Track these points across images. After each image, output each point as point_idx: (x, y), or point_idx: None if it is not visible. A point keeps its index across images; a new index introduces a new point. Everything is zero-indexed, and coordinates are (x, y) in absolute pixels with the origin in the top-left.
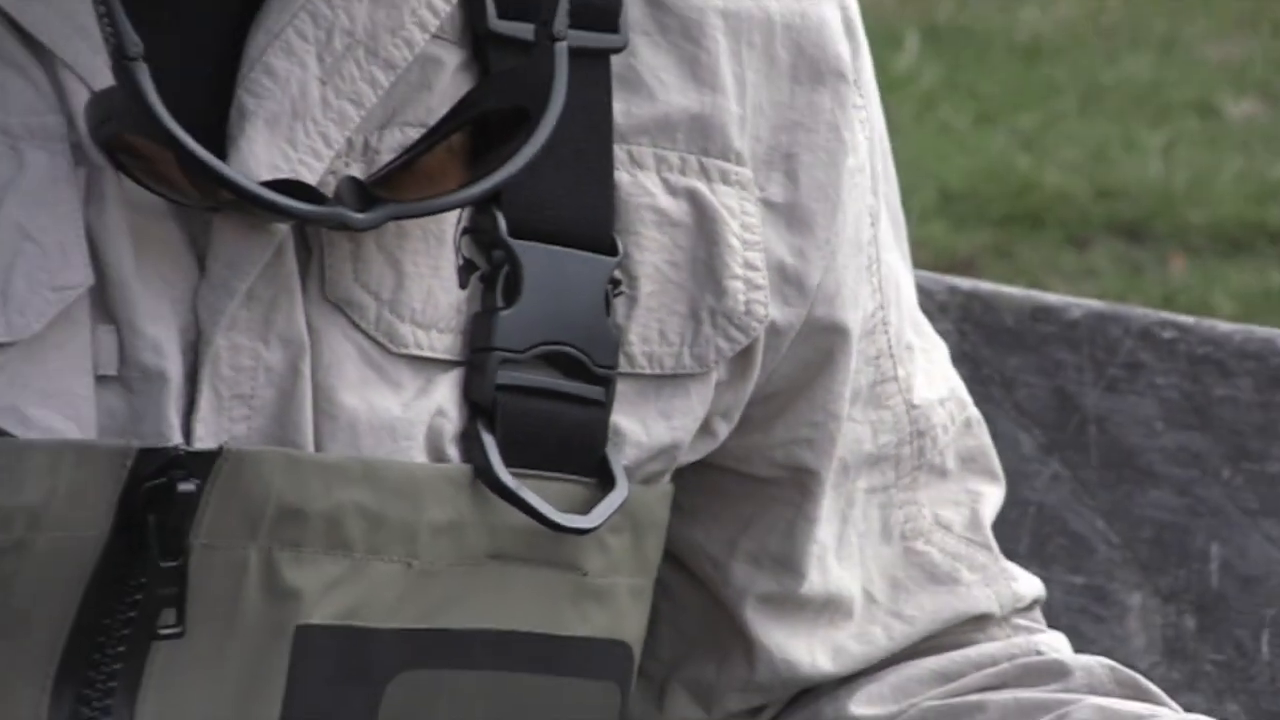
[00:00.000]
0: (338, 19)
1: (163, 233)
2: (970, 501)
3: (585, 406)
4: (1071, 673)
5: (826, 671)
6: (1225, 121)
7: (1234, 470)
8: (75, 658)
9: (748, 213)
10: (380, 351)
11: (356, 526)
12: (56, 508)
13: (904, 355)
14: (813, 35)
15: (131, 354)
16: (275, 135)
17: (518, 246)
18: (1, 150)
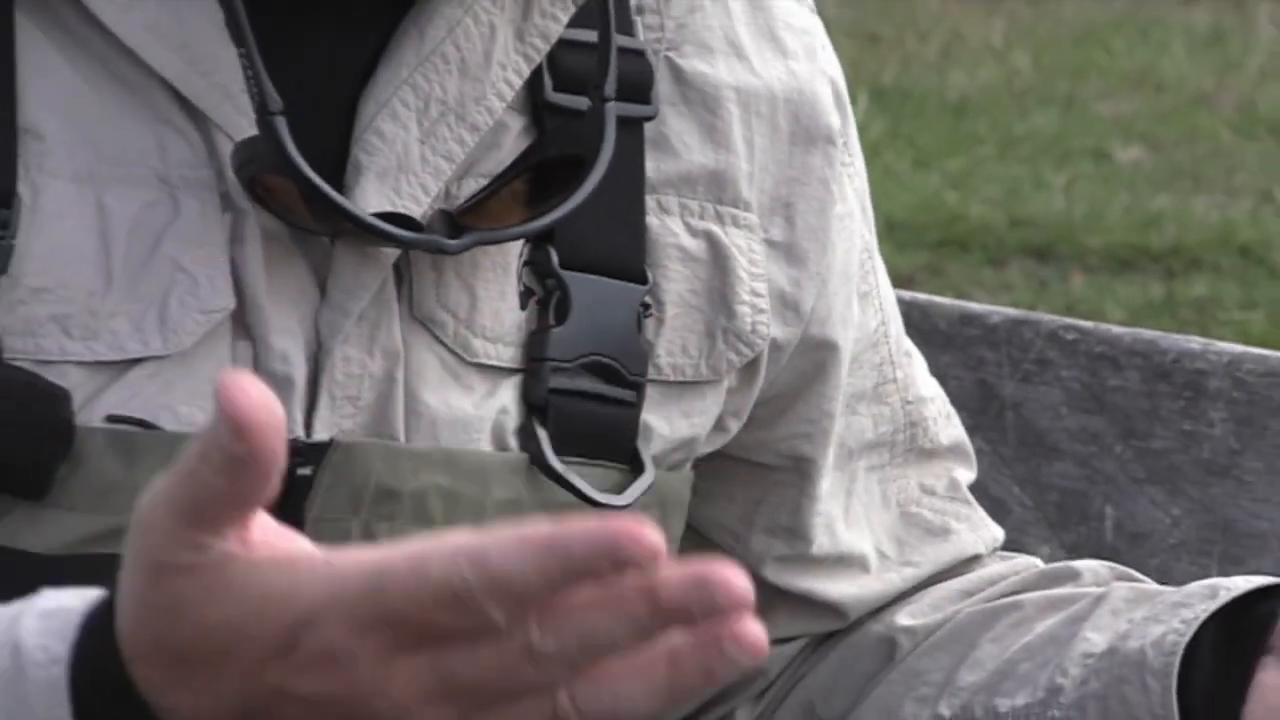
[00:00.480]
0: (434, 90)
1: (291, 265)
2: (948, 472)
3: (620, 407)
4: (1080, 574)
5: (851, 595)
6: (1115, 165)
7: (1124, 446)
8: None
9: (754, 250)
10: (457, 361)
11: (437, 503)
12: None
13: (902, 360)
14: (808, 108)
15: (264, 363)
16: (384, 185)
17: (567, 276)
18: (161, 197)
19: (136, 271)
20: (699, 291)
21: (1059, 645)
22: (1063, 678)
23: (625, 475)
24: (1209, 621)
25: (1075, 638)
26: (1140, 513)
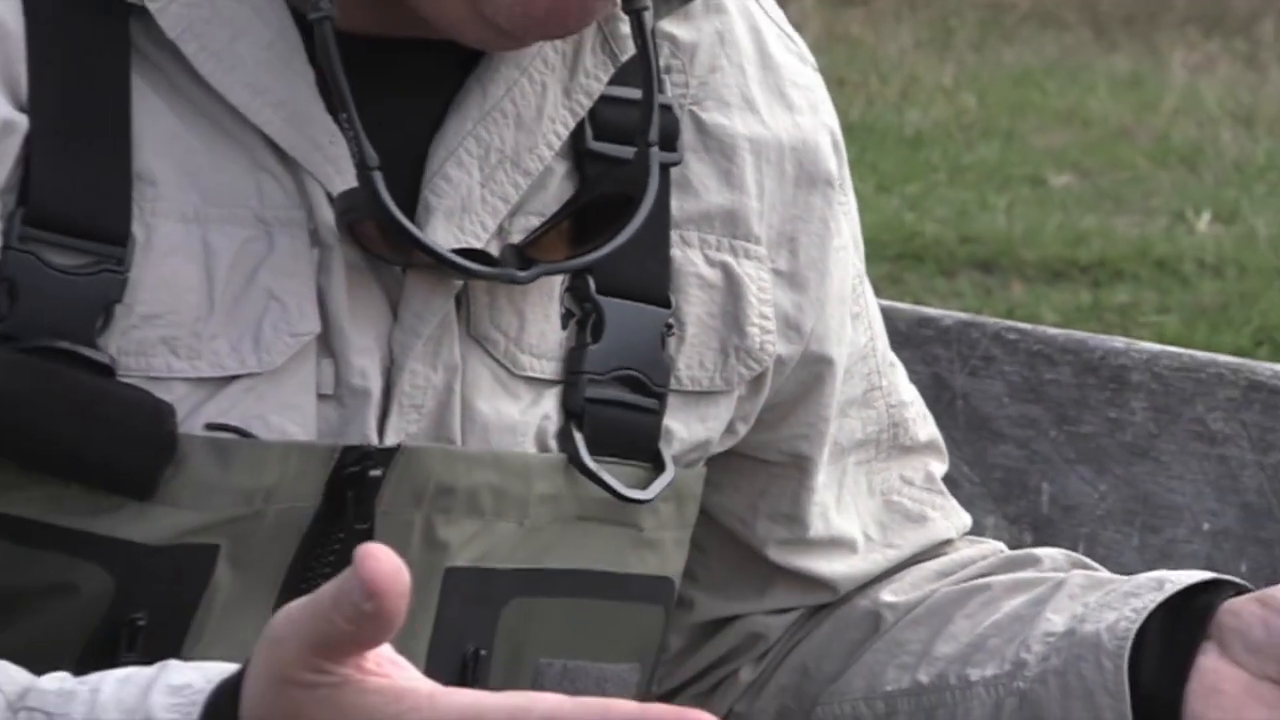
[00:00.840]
0: (493, 141)
1: (369, 293)
2: (925, 466)
3: (646, 414)
4: (1040, 560)
5: (841, 572)
6: (1049, 189)
7: (1058, 431)
8: (290, 589)
9: (763, 279)
10: (506, 373)
11: (487, 498)
12: (285, 487)
13: (887, 370)
14: (810, 155)
15: (344, 378)
16: (450, 223)
17: (602, 301)
18: (258, 235)
19: (235, 299)
20: (715, 314)
21: (1024, 623)
22: (1027, 653)
23: (649, 473)
24: (1156, 610)
25: (1038, 618)
26: (1072, 488)
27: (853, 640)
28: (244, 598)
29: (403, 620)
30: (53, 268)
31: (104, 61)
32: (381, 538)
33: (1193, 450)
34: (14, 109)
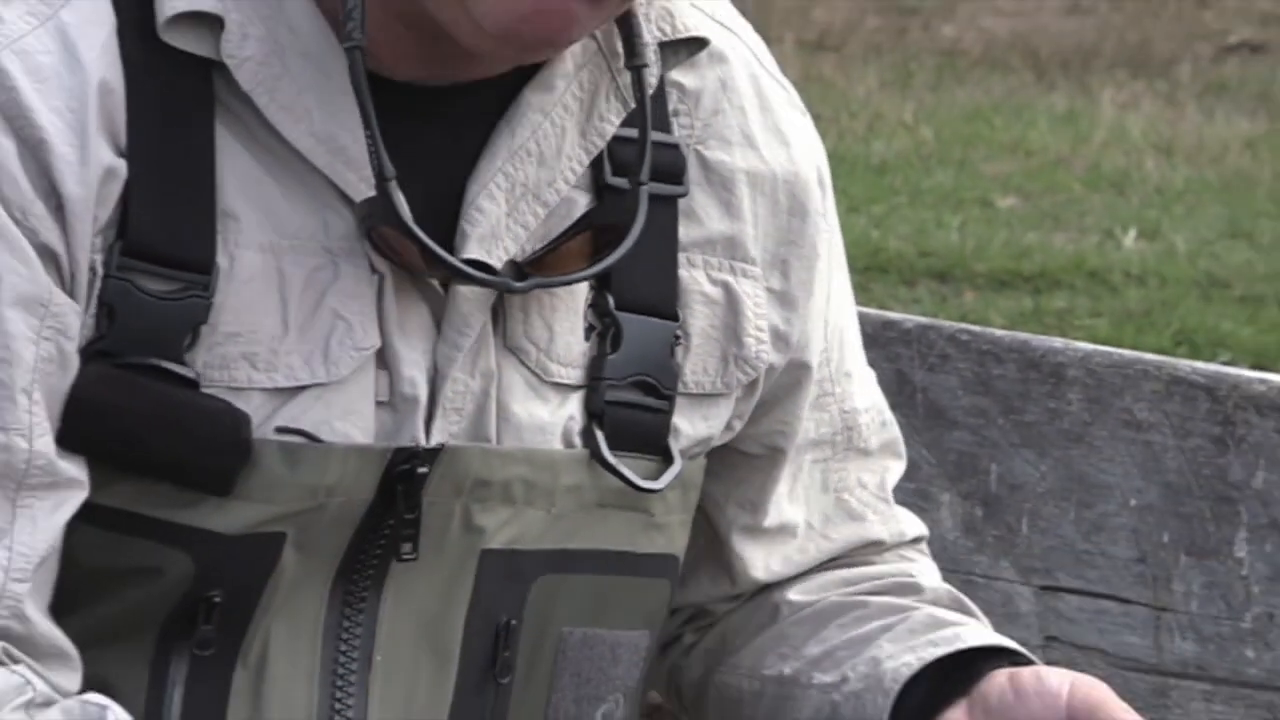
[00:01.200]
0: (519, 176)
1: (417, 312)
2: (881, 471)
3: (656, 414)
4: (924, 590)
5: (776, 572)
6: (996, 210)
7: (1005, 420)
8: (346, 570)
9: (758, 296)
10: (537, 380)
11: (519, 489)
12: (344, 484)
13: (841, 379)
14: (800, 187)
15: (397, 388)
16: (481, 247)
17: (620, 316)
18: (325, 263)
19: (306, 319)
20: (717, 327)
21: (864, 645)
22: (851, 672)
23: (659, 465)
24: (949, 660)
25: (873, 643)
26: (1016, 469)
27: (757, 625)
28: (305, 577)
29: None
30: (146, 293)
31: (192, 113)
32: (426, 525)
33: (1121, 436)
34: (115, 156)
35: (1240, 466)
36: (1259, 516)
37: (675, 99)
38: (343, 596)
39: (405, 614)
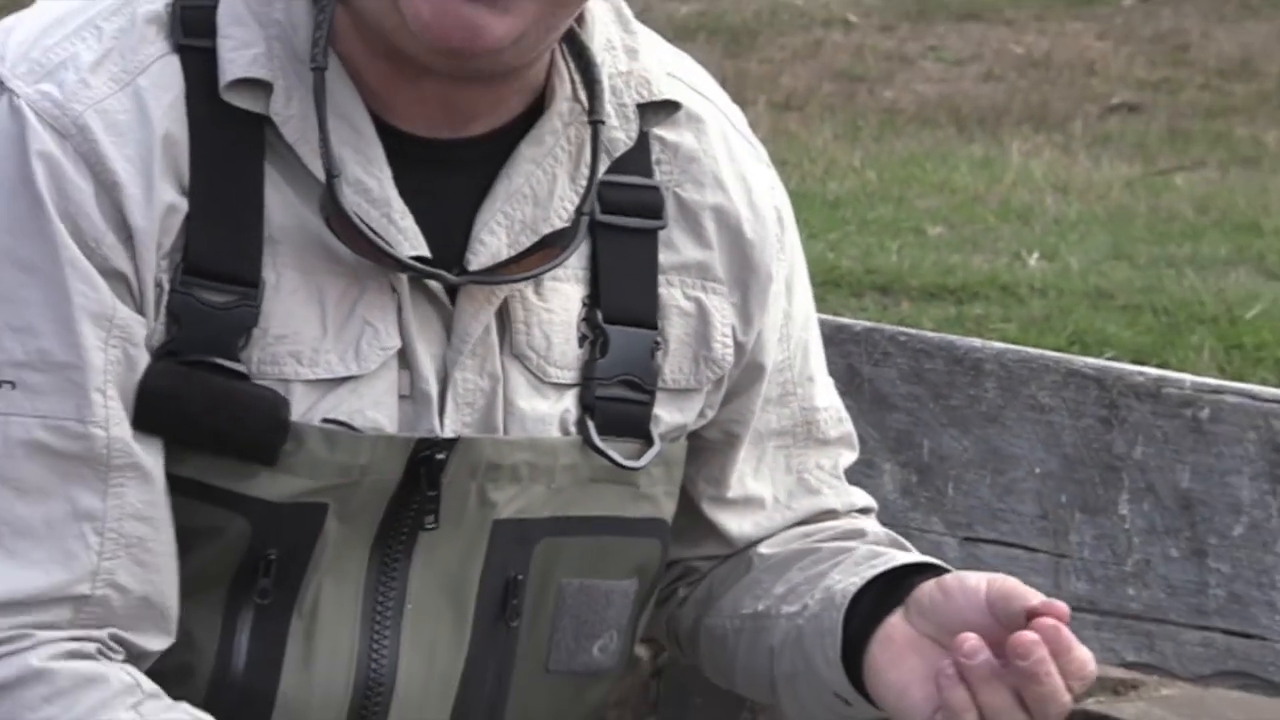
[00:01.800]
0: (516, 215)
1: (429, 322)
2: (836, 457)
3: (639, 405)
4: (866, 534)
5: (748, 535)
6: (928, 237)
7: (934, 404)
8: (381, 537)
9: (724, 310)
10: (538, 380)
11: (525, 469)
12: (375, 465)
13: (804, 383)
14: (758, 224)
15: (416, 384)
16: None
17: (607, 328)
18: (354, 282)
19: (341, 325)
20: (690, 334)
21: (820, 579)
22: (810, 600)
23: (642, 447)
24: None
25: (826, 576)
26: (944, 444)
27: (735, 576)
28: (347, 541)
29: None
30: (204, 304)
31: (245, 158)
32: (445, 500)
33: (1027, 417)
34: (178, 195)
35: (1123, 441)
36: (1138, 482)
37: (658, 150)
38: (379, 558)
39: (431, 572)
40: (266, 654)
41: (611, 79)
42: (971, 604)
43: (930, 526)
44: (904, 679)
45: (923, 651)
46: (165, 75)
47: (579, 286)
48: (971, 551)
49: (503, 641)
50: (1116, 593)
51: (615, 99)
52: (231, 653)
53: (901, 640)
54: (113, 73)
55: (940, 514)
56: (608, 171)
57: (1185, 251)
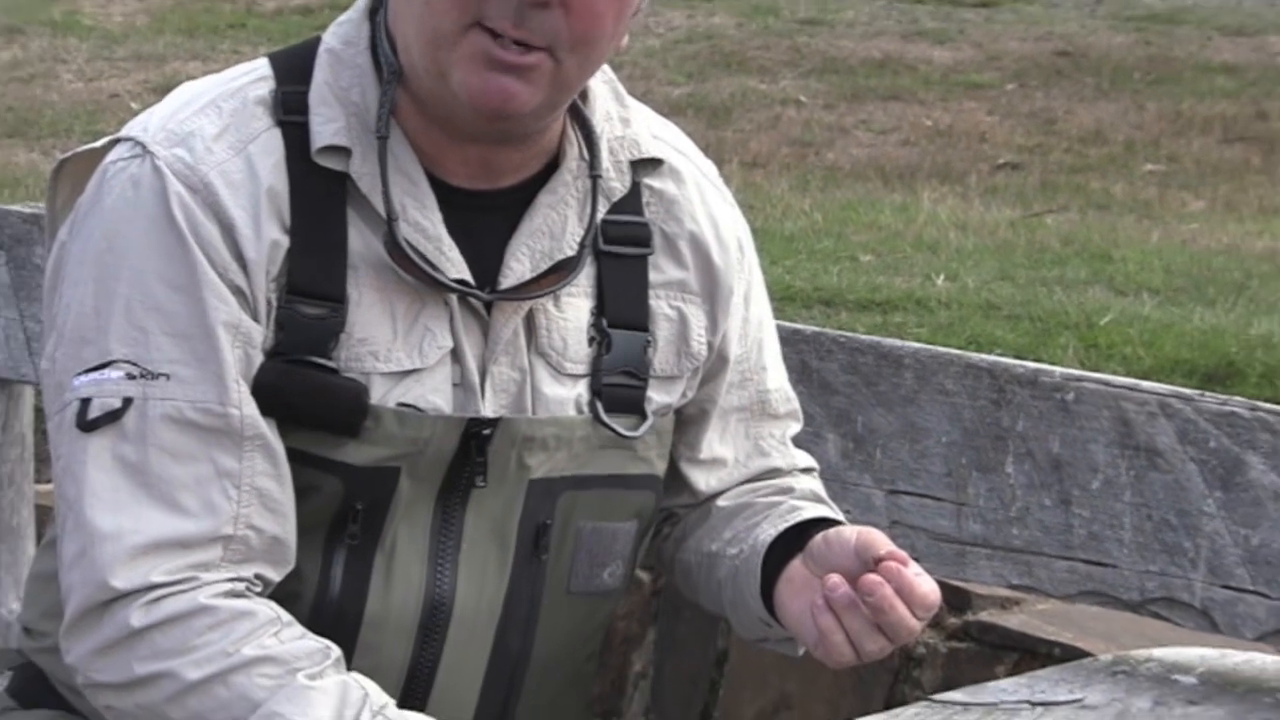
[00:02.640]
0: (536, 247)
1: (472, 328)
2: (785, 428)
3: (635, 390)
4: (794, 491)
5: (713, 488)
6: (860, 263)
7: (866, 390)
8: (443, 493)
9: (699, 316)
10: (557, 373)
11: (551, 440)
12: (436, 438)
13: (759, 371)
14: (722, 251)
15: (464, 375)
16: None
17: (611, 331)
18: (417, 298)
19: (407, 331)
20: (673, 335)
21: (753, 529)
22: (745, 545)
23: (639, 421)
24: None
25: (758, 526)
26: (874, 420)
27: (699, 521)
28: (416, 496)
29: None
30: (303, 316)
31: (330, 205)
32: (491, 466)
33: (937, 400)
34: (282, 234)
35: (1008, 418)
36: (1020, 448)
37: (646, 195)
38: (442, 509)
39: (480, 520)
40: (355, 583)
41: (609, 142)
42: (845, 552)
43: (863, 482)
44: (799, 609)
45: (814, 588)
46: (270, 144)
47: (588, 300)
48: (894, 501)
49: (535, 571)
50: (1004, 532)
51: (612, 157)
52: (329, 582)
53: (799, 580)
54: (230, 142)
55: (870, 472)
56: (608, 212)
57: (1054, 274)
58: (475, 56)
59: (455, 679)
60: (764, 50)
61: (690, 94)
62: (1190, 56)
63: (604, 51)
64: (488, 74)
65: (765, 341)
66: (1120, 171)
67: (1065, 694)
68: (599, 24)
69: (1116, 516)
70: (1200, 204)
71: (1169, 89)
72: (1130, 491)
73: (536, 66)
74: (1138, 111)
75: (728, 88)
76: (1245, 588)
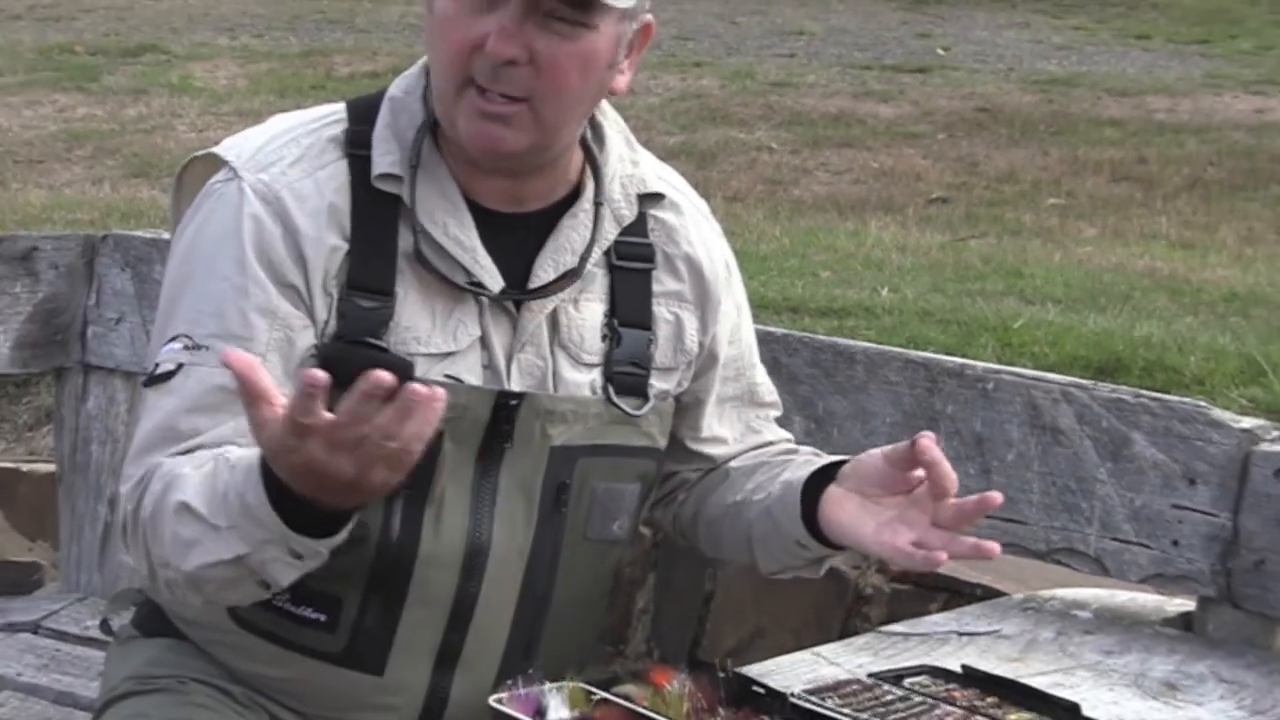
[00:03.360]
0: (559, 260)
1: (500, 323)
2: (768, 412)
3: (640, 378)
4: (799, 451)
5: (720, 455)
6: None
7: (825, 381)
8: (481, 455)
9: (692, 321)
10: (575, 362)
11: (569, 415)
12: (472, 407)
13: (749, 369)
14: (711, 268)
15: (491, 360)
16: (541, 297)
17: (620, 330)
18: (453, 297)
19: (444, 321)
20: (671, 335)
21: (775, 477)
22: (773, 488)
23: (642, 403)
24: (818, 471)
25: (781, 474)
26: (833, 406)
27: (718, 482)
28: (458, 456)
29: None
30: (360, 307)
31: (383, 220)
32: (519, 433)
33: (882, 388)
34: (341, 240)
35: (939, 403)
36: (950, 428)
37: (651, 223)
38: (480, 468)
39: (512, 478)
40: (410, 528)
41: (621, 179)
42: (877, 464)
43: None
44: (846, 517)
45: (853, 500)
46: (336, 172)
47: (602, 304)
48: None
49: (557, 521)
50: None
51: (624, 191)
52: (389, 527)
53: (840, 496)
54: (303, 168)
55: (829, 448)
56: (620, 234)
57: (976, 287)
58: (470, 109)
59: (492, 610)
60: (742, 106)
61: (683, 142)
62: (1084, 112)
63: (578, 99)
64: (480, 123)
65: (753, 345)
66: (1029, 205)
67: (985, 626)
68: (565, 78)
69: (1027, 483)
70: (1093, 231)
71: (1067, 138)
72: (1038, 463)
73: (516, 114)
74: (1042, 156)
75: (713, 137)
76: (1130, 540)
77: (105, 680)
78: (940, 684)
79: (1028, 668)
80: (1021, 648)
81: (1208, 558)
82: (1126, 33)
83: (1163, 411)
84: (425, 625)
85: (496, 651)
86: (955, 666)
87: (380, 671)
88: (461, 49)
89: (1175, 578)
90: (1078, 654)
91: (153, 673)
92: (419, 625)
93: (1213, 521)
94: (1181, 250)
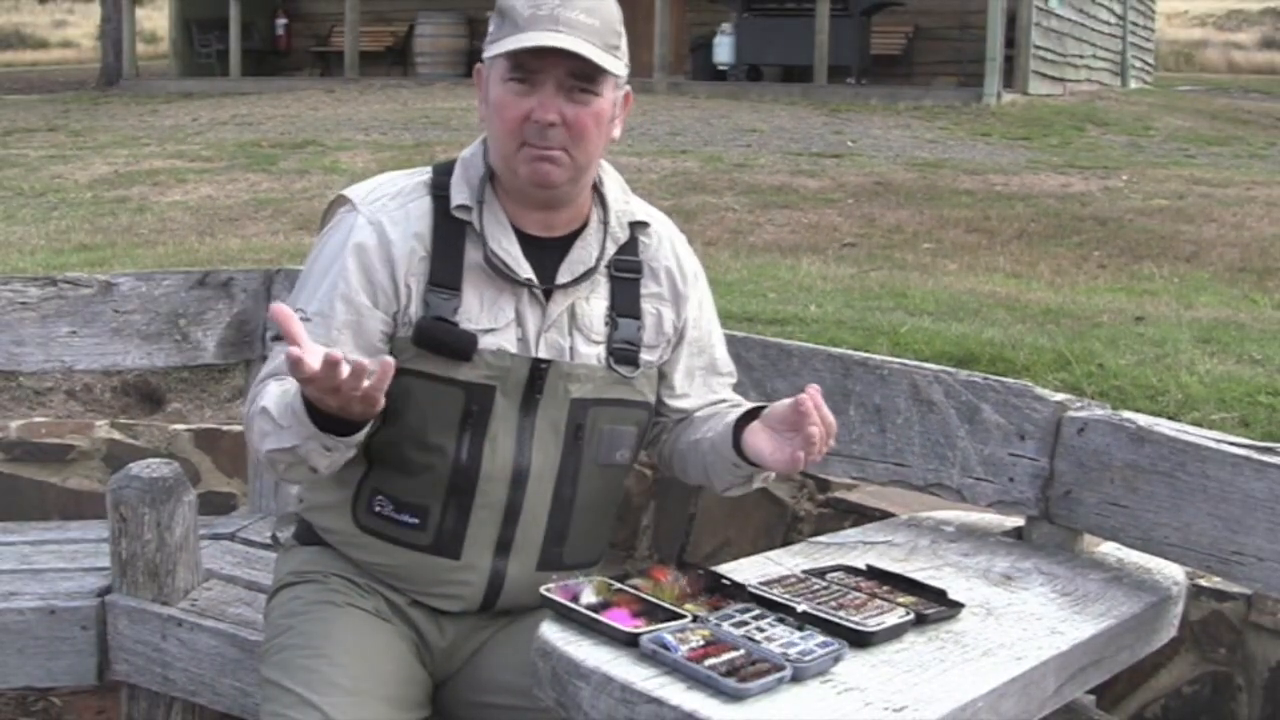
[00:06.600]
0: (574, 270)
1: (531, 310)
2: (727, 380)
3: (633, 352)
4: (740, 403)
5: (689, 408)
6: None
7: (771, 369)
8: (523, 405)
9: (668, 313)
10: (587, 339)
11: (583, 376)
12: (513, 369)
13: (709, 347)
14: (682, 276)
15: (523, 336)
16: (565, 295)
17: (618, 319)
18: (498, 293)
19: (490, 307)
20: (654, 324)
21: (720, 420)
22: (720, 427)
23: (635, 369)
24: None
25: (724, 418)
26: (776, 386)
27: (685, 426)
28: (507, 403)
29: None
30: (438, 297)
31: (456, 237)
32: (548, 388)
33: (812, 374)
34: (424, 250)
35: (851, 384)
36: (858, 402)
37: (640, 244)
38: (523, 412)
39: (544, 420)
40: (474, 453)
41: (617, 212)
42: (780, 410)
43: None
44: (760, 443)
45: (765, 432)
46: (423, 206)
47: (605, 301)
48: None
49: (577, 450)
50: (849, 448)
51: (618, 220)
52: (460, 453)
53: (756, 429)
54: (400, 202)
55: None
56: (616, 253)
57: (875, 304)
58: (527, 157)
59: (533, 512)
60: (714, 180)
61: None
62: (947, 185)
63: (595, 144)
64: (535, 164)
65: (714, 330)
66: (910, 248)
67: (882, 537)
68: (587, 130)
69: (910, 440)
70: (954, 266)
71: (935, 203)
72: (918, 425)
73: (559, 157)
74: (919, 216)
75: (694, 201)
76: (981, 478)
77: (275, 574)
78: (851, 578)
79: (911, 566)
80: (907, 552)
81: (1033, 489)
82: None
83: (1002, 390)
84: (487, 523)
85: (536, 542)
86: (861, 565)
87: (458, 557)
88: (516, 120)
89: (1011, 503)
90: (945, 556)
91: (306, 569)
92: (483, 523)
93: (1036, 464)
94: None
